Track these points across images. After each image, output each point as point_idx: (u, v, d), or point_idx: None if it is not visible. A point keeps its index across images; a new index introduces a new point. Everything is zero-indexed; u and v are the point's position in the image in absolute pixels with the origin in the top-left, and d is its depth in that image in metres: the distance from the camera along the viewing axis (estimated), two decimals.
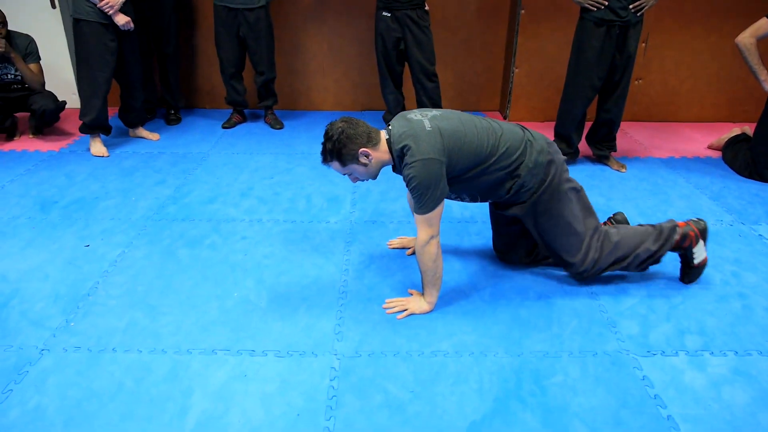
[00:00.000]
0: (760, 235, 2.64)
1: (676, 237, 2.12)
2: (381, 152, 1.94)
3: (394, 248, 2.49)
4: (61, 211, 2.79)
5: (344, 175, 2.02)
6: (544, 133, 2.17)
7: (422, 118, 1.94)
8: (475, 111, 4.43)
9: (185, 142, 3.75)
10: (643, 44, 3.98)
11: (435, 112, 1.99)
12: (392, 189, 3.06)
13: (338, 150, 1.90)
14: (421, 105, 3.71)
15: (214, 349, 1.89)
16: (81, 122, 3.44)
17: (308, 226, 2.68)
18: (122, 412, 1.64)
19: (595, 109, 3.32)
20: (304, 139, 3.82)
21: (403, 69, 3.72)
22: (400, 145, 1.89)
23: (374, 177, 2.03)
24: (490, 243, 2.53)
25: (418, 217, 1.91)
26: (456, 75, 4.32)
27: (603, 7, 2.94)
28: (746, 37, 3.08)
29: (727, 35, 3.88)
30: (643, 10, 2.98)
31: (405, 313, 2.04)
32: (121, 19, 3.21)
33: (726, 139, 3.57)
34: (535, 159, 1.98)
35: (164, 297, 2.15)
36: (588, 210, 2.13)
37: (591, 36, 3.03)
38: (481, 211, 2.79)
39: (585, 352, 1.88)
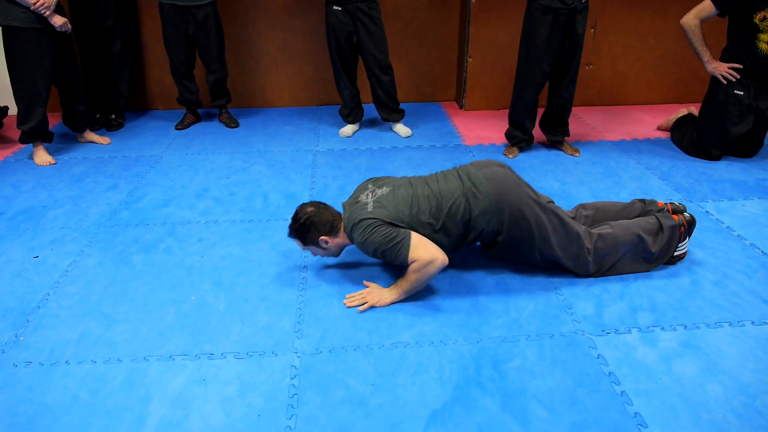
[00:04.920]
0: (707, 212, 2.73)
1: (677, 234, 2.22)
2: (340, 238, 2.13)
3: None
4: (7, 223, 2.69)
5: (304, 251, 2.28)
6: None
7: (368, 200, 2.07)
8: (431, 102, 4.45)
9: (137, 144, 3.66)
10: (592, 30, 4.06)
11: (384, 190, 2.09)
12: (350, 183, 3.05)
13: (302, 233, 2.09)
14: (376, 99, 3.70)
15: (171, 354, 1.85)
16: (20, 131, 3.29)
17: (266, 225, 2.66)
18: (77, 425, 1.60)
19: (547, 95, 3.38)
20: (260, 137, 3.77)
21: (356, 63, 3.70)
22: (349, 230, 2.06)
23: (335, 256, 2.23)
24: None
25: (411, 264, 1.98)
26: (410, 67, 4.32)
27: None
28: (690, 19, 3.14)
29: (672, 18, 4.00)
30: None
31: (365, 306, 2.04)
32: (59, 20, 3.07)
33: (673, 120, 3.67)
34: (482, 208, 2.03)
35: (119, 304, 2.10)
36: (564, 232, 2.11)
37: (539, 24, 3.07)
38: None
39: (542, 335, 1.92)
